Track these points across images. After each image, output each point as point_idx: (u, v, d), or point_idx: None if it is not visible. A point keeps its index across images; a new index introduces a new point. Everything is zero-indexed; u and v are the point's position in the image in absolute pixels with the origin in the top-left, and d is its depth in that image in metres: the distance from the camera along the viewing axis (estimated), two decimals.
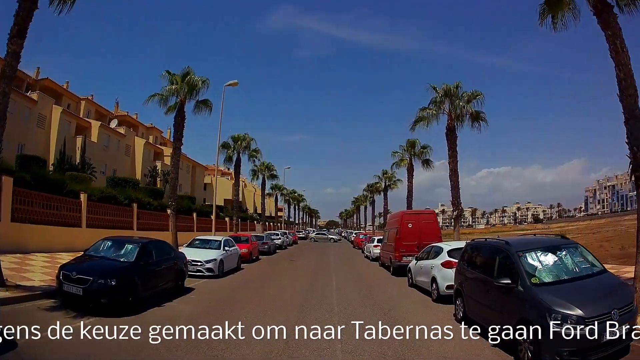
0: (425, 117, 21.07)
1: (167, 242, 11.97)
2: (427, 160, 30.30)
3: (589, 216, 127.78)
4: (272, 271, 17.92)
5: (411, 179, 29.86)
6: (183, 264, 11.95)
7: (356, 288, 13.05)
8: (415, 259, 13.32)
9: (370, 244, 24.21)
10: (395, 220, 17.48)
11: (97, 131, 37.18)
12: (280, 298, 10.86)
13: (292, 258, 24.84)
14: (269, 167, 41.52)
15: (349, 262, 23.27)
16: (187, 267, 12.61)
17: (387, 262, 18.30)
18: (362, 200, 65.40)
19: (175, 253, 11.83)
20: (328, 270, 18.12)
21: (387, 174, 39.97)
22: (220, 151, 30.83)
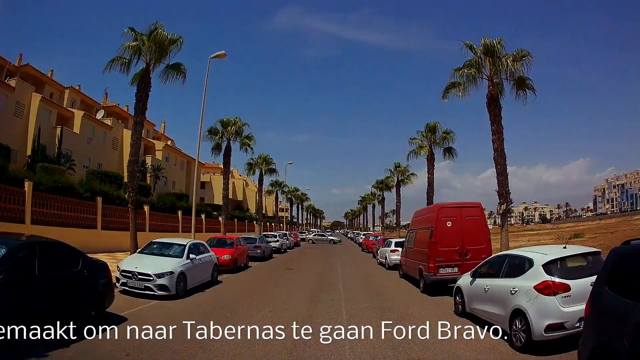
0: (459, 83, 16.27)
1: (73, 246, 7.30)
2: (450, 148, 25.59)
3: (598, 216, 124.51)
4: (258, 287, 13.17)
5: (432, 170, 25.10)
6: (102, 280, 7.44)
7: (378, 318, 8.25)
8: (474, 274, 8.56)
9: (386, 249, 19.42)
10: (427, 218, 12.64)
11: (79, 122, 33.77)
12: (259, 347, 6.14)
13: (290, 266, 20.10)
14: (267, 160, 36.80)
15: (361, 272, 18.49)
16: (112, 286, 8.03)
17: (413, 273, 13.53)
18: (370, 198, 60.42)
19: (85, 263, 7.19)
20: (335, 286, 13.35)
21: (399, 168, 35.14)
22: (207, 138, 26.27)
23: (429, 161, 25.07)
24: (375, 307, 9.86)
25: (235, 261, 16.98)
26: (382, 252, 20.05)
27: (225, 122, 26.31)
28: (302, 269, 18.74)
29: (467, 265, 11.65)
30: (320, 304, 9.76)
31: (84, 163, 34.01)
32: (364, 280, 15.24)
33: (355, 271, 18.22)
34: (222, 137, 26.44)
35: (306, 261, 23.13)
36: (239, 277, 15.66)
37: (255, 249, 22.35)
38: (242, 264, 18.46)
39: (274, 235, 29.32)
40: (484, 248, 11.98)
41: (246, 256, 19.22)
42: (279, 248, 28.66)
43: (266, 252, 23.48)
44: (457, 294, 9.13)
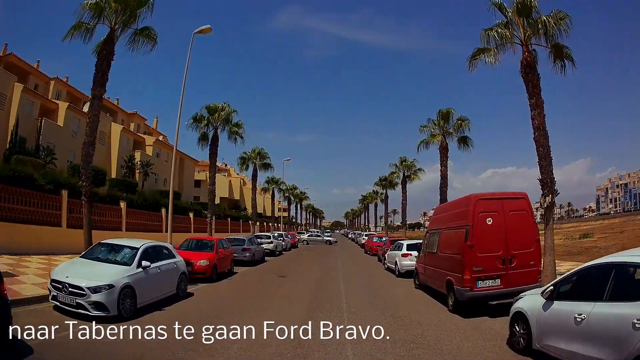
0: (488, 48, 13.26)
1: None
2: (465, 137, 22.57)
3: (601, 215, 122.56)
4: (236, 304, 10.15)
5: (445, 162, 22.10)
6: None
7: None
8: (550, 295, 5.62)
9: (396, 252, 16.40)
10: (458, 214, 9.55)
11: (64, 113, 31.78)
12: None
13: (283, 272, 17.09)
14: (261, 154, 33.74)
15: (367, 280, 15.41)
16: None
17: (436, 285, 10.56)
18: (372, 197, 57.34)
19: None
20: (336, 301, 10.35)
21: (405, 162, 32.09)
22: (191, 126, 23.31)
23: (442, 152, 22.08)
24: (395, 338, 6.85)
25: (214, 268, 13.99)
26: (391, 256, 17.04)
27: (211, 109, 23.33)
28: (297, 276, 15.76)
29: (512, 276, 8.76)
30: (316, 332, 6.75)
31: (68, 158, 31.77)
32: (372, 292, 12.21)
33: (360, 279, 15.20)
34: (208, 125, 23.45)
35: (302, 266, 20.13)
36: (217, 288, 12.65)
37: (243, 252, 19.39)
38: (226, 269, 15.50)
39: (267, 235, 26.33)
40: (532, 252, 9.09)
41: (230, 261, 16.25)
42: (273, 250, 25.67)
43: (257, 256, 20.49)
44: (519, 321, 6.19)
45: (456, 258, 9.08)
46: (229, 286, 12.97)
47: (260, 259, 21.56)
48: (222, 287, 12.84)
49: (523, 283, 8.83)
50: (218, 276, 14.32)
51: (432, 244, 11.06)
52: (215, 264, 14.19)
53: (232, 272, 16.13)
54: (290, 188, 56.42)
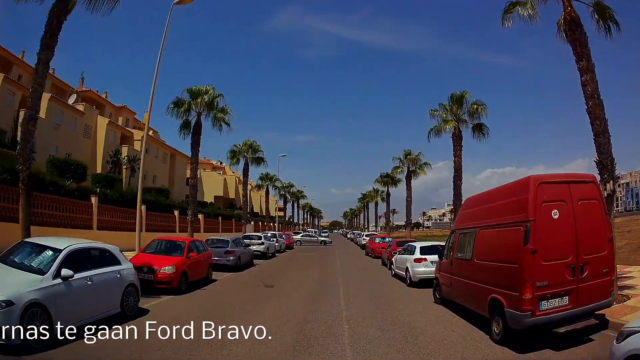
0: (523, 2, 10.60)
1: None
2: (480, 125, 19.90)
3: None
4: (201, 329, 7.30)
5: (459, 151, 19.42)
6: None
7: None
8: None
9: (407, 256, 13.62)
10: (509, 205, 6.61)
11: (46, 105, 28.87)
12: None
13: (271, 281, 14.30)
14: (253, 147, 30.87)
15: (373, 292, 12.41)
16: None
17: (471, 304, 7.84)
18: (373, 195, 54.52)
19: None
20: (336, 326, 7.59)
21: (410, 156, 29.28)
22: (172, 112, 20.52)
23: (455, 141, 19.39)
24: None
25: (183, 276, 11.25)
26: (400, 260, 14.27)
27: (194, 92, 20.50)
28: (288, 286, 12.98)
29: (582, 290, 6.19)
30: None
31: (50, 152, 29.45)
32: (381, 310, 9.41)
33: (364, 291, 12.34)
34: (190, 110, 20.62)
35: (296, 271, 17.37)
36: (182, 303, 9.87)
37: (226, 255, 16.63)
38: (200, 277, 12.76)
39: (257, 236, 23.54)
40: (605, 256, 6.56)
41: (207, 267, 13.49)
42: (264, 252, 22.88)
43: (243, 259, 17.71)
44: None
45: (509, 268, 6.33)
46: (198, 301, 10.19)
47: (248, 262, 18.81)
48: (188, 302, 10.05)
49: (594, 299, 6.31)
50: (189, 286, 11.58)
51: (463, 248, 8.32)
52: (185, 271, 11.44)
53: (209, 280, 13.38)
54: (286, 186, 53.56)
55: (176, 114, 20.36)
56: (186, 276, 11.50)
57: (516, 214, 6.40)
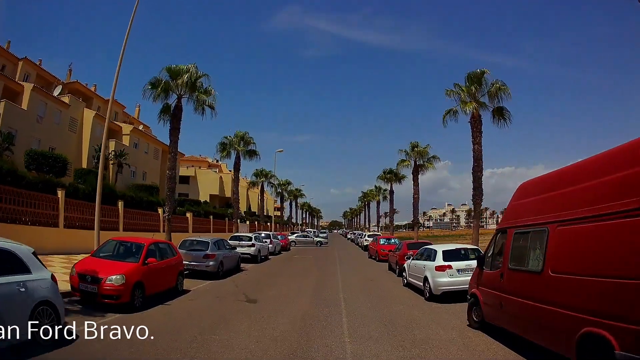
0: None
1: None
2: (502, 109, 17.25)
3: None
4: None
5: (479, 137, 16.75)
6: None
7: None
8: None
9: (426, 263, 10.83)
10: (615, 183, 4.05)
11: (28, 96, 27.29)
12: None
13: (256, 294, 11.56)
14: (245, 139, 28.05)
15: (385, 309, 9.61)
16: None
17: (546, 339, 5.12)
18: (374, 194, 51.71)
19: None
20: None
21: (417, 148, 26.49)
22: (149, 93, 17.83)
23: (474, 126, 16.72)
24: None
25: (136, 288, 8.56)
26: (416, 268, 11.53)
27: (174, 71, 17.75)
28: (276, 301, 10.25)
29: None
30: None
31: (32, 145, 27.42)
32: (403, 342, 6.67)
33: (374, 310, 9.48)
34: (169, 92, 17.89)
35: (289, 280, 14.63)
36: (129, 325, 7.03)
37: (205, 259, 13.93)
38: (165, 288, 10.08)
39: (247, 237, 20.79)
40: None
41: (175, 275, 10.77)
42: (255, 255, 20.16)
43: (227, 265, 14.99)
44: None
45: (625, 287, 3.67)
46: (152, 324, 7.39)
47: (233, 268, 16.11)
48: (138, 324, 7.26)
49: None
50: (146, 301, 8.91)
51: (525, 255, 5.63)
52: (140, 281, 8.75)
53: (177, 292, 10.68)
54: (282, 183, 50.72)
55: (153, 96, 17.62)
56: (142, 288, 8.81)
57: (625, 198, 3.72)
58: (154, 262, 9.51)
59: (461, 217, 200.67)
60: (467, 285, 8.15)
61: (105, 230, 20.62)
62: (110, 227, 21.67)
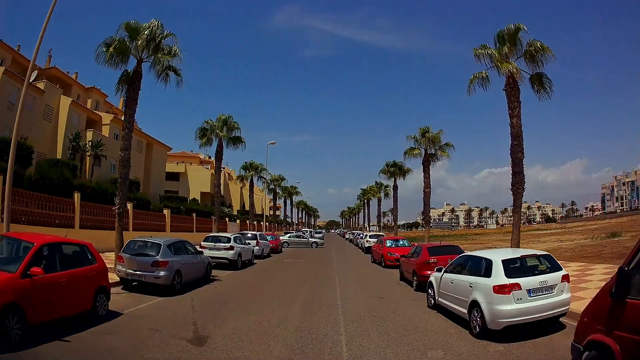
0: None
1: None
2: (541, 76, 13.63)
3: (607, 214, 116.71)
4: None
5: (517, 110, 13.05)
6: None
7: None
8: None
9: (476, 280, 6.98)
10: None
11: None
12: None
13: (214, 324, 7.70)
14: (228, 124, 23.98)
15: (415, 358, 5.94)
16: None
17: None
18: (375, 191, 47.83)
19: None
20: None
21: (428, 134, 22.52)
22: (102, 58, 13.97)
23: (510, 94, 12.98)
24: None
25: (9, 313, 4.76)
26: (455, 287, 7.57)
27: (133, 28, 13.80)
28: (237, 344, 6.42)
29: None
30: None
31: (2, 133, 23.70)
32: None
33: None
34: (127, 54, 14.00)
35: (269, 298, 10.69)
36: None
37: (154, 268, 10.13)
38: (71, 313, 6.42)
39: (225, 238, 16.89)
40: None
41: (91, 292, 6.97)
42: (234, 260, 16.32)
43: (186, 275, 11.12)
44: None
45: None
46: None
47: (201, 277, 12.30)
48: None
49: None
50: (32, 332, 5.13)
51: None
52: (14, 303, 5.04)
53: (96, 317, 6.93)
54: (275, 178, 46.81)
55: (107, 59, 13.76)
56: (19, 313, 5.09)
57: None
58: (37, 273, 5.69)
59: (460, 217, 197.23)
60: (544, 314, 5.68)
61: (58, 227, 16.92)
62: (64, 223, 17.95)
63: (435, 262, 10.71)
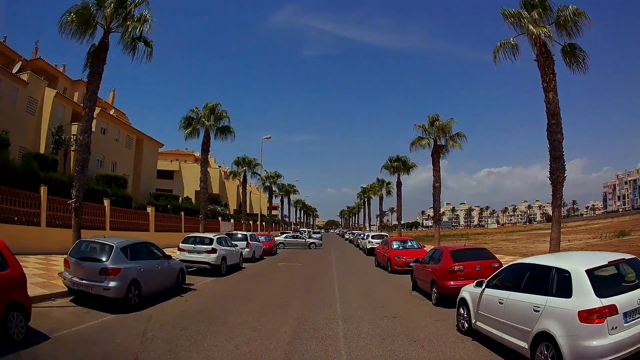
0: None
1: None
2: (574, 47, 11.48)
3: (609, 213, 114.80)
4: None
5: (554, 84, 10.88)
6: None
7: None
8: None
9: (542, 301, 4.74)
10: None
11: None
12: None
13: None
14: (216, 113, 21.55)
15: None
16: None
17: None
18: (376, 188, 45.52)
19: None
20: None
21: (438, 122, 20.13)
22: (67, 29, 11.76)
23: (544, 64, 10.78)
24: None
25: None
26: (505, 308, 5.17)
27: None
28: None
29: None
30: None
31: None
32: None
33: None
34: (90, 24, 11.72)
35: (252, 318, 8.34)
36: None
37: (102, 277, 7.89)
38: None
39: (207, 239, 14.56)
40: None
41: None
42: (217, 266, 14.03)
43: (148, 286, 8.85)
44: None
45: None
46: None
47: (171, 287, 10.07)
48: None
49: None
50: None
51: None
52: None
53: (7, 341, 4.68)
54: (271, 175, 44.46)
55: (71, 31, 11.56)
56: None
57: None
58: None
59: (460, 216, 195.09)
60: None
61: (12, 223, 14.69)
62: (27, 221, 15.70)
63: (461, 269, 8.49)
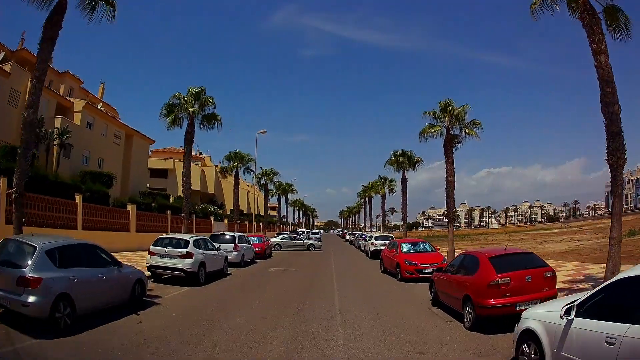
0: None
1: None
2: (616, 9, 9.41)
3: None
4: None
5: (603, 44, 8.63)
6: None
7: None
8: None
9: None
10: None
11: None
12: None
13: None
14: (201, 100, 19.06)
15: None
16: None
17: None
18: (378, 186, 43.27)
19: None
20: None
21: (451, 107, 17.68)
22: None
23: (590, 25, 8.56)
24: None
25: None
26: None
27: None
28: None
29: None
30: None
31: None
32: None
33: None
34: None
35: (217, 356, 6.23)
36: None
37: (21, 289, 5.61)
38: None
39: (182, 241, 12.16)
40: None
41: None
42: (194, 273, 11.72)
43: (84, 303, 6.58)
44: None
45: None
46: None
47: (124, 302, 7.79)
48: None
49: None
50: None
51: None
52: None
53: None
54: (266, 172, 42.14)
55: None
56: None
57: None
58: None
59: (461, 216, 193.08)
60: None
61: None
62: None
63: (508, 282, 6.23)
